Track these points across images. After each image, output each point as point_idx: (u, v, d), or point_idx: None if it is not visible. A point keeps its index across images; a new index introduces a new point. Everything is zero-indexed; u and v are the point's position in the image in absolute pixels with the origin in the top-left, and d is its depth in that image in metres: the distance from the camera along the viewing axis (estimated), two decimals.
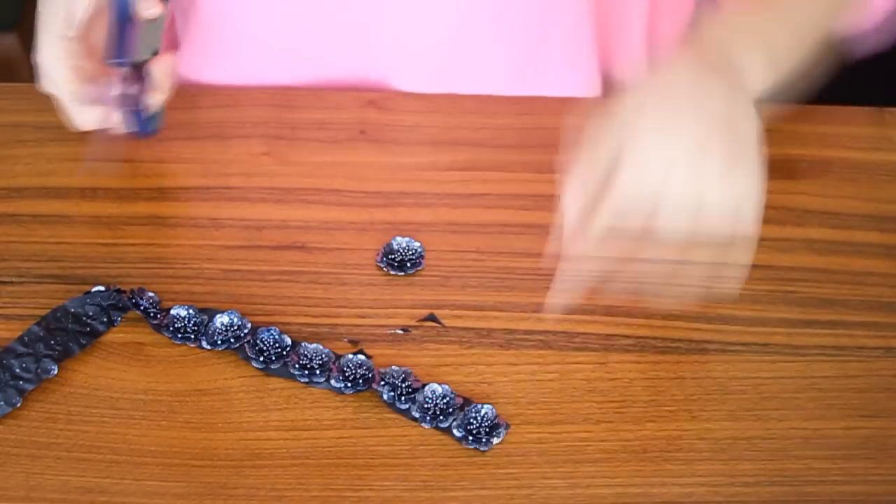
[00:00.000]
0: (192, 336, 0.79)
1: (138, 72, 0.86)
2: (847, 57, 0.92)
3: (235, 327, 0.79)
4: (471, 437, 0.74)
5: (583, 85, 1.03)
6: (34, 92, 0.89)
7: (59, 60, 0.85)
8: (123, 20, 0.84)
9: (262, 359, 0.78)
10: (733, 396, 0.78)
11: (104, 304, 0.81)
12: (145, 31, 0.85)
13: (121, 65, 0.84)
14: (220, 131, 0.94)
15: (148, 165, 0.93)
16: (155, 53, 0.86)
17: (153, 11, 0.84)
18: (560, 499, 0.73)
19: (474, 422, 0.75)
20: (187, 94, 0.97)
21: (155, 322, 0.80)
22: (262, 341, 0.78)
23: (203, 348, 0.79)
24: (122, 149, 0.90)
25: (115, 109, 0.86)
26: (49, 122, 0.95)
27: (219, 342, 0.79)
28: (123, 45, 0.84)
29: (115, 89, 0.85)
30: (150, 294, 0.81)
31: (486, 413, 0.75)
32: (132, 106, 0.86)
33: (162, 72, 0.87)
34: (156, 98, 0.88)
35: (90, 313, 0.81)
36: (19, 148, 0.94)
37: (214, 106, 0.97)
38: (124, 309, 0.81)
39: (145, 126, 0.89)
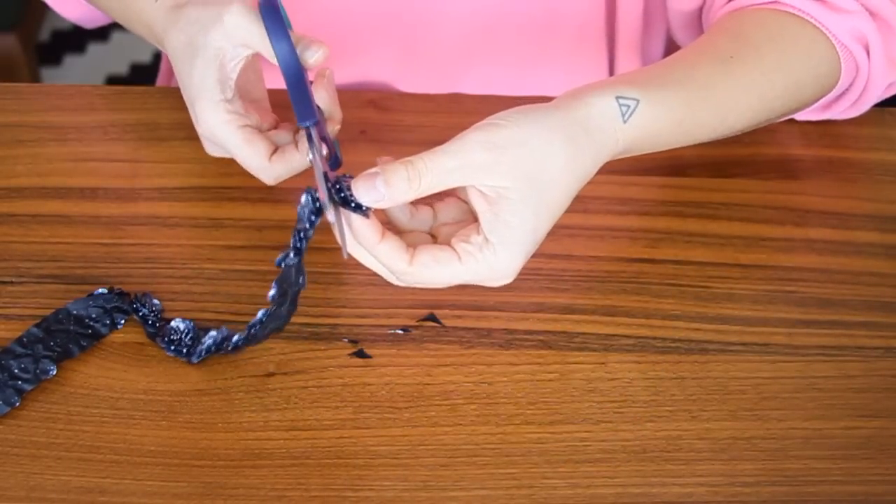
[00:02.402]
0: (185, 350, 0.79)
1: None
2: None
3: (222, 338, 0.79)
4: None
5: None
6: (34, 92, 0.90)
7: (227, 124, 0.79)
8: (298, 79, 0.75)
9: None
10: (733, 396, 0.78)
11: (107, 306, 0.81)
12: None
13: (316, 124, 0.75)
14: None
15: (148, 165, 0.93)
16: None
17: (320, 55, 0.77)
18: (560, 499, 0.73)
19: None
20: None
21: (151, 331, 0.80)
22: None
23: (191, 363, 0.79)
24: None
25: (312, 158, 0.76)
26: (49, 122, 0.95)
27: (203, 353, 0.79)
28: (307, 102, 0.75)
29: (313, 148, 0.75)
30: (155, 301, 0.81)
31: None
32: (330, 150, 0.77)
33: (329, 97, 0.81)
34: (335, 128, 0.82)
35: (93, 315, 0.81)
36: (19, 148, 0.94)
37: None
38: (128, 312, 0.81)
39: (337, 160, 0.80)
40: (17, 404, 0.76)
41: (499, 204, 0.72)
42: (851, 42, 0.86)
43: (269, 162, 0.80)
